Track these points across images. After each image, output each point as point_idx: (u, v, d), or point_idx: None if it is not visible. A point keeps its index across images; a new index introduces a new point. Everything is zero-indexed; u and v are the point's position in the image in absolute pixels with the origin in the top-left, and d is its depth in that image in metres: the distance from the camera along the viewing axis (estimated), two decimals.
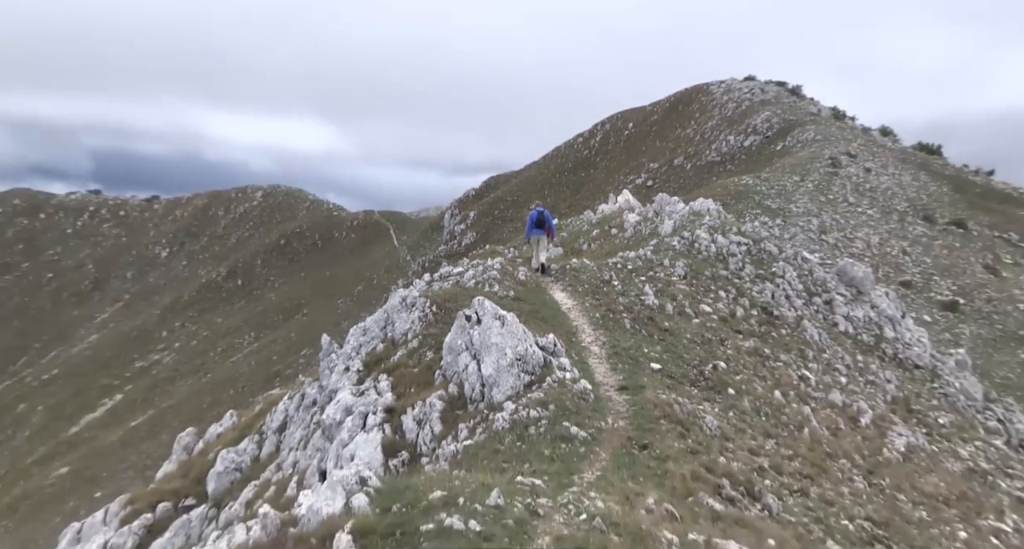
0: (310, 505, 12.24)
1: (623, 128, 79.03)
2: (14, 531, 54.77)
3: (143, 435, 62.46)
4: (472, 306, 20.32)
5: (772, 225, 40.68)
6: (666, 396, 19.19)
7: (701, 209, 33.56)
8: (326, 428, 20.00)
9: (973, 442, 26.45)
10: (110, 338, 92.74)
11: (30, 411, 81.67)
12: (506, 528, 11.23)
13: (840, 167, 59.02)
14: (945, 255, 52.87)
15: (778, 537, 15.19)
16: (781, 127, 67.11)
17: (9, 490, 65.73)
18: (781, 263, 30.71)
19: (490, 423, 17.25)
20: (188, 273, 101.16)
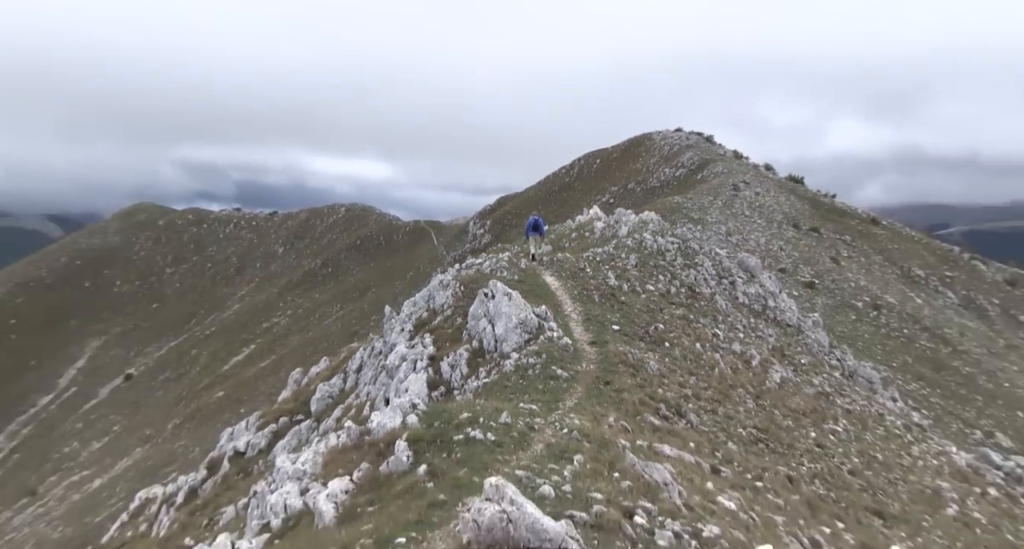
0: (379, 421, 12.38)
1: (592, 162, 79.51)
2: (193, 431, 56.86)
3: (268, 372, 63.06)
4: (488, 286, 20.46)
5: (695, 230, 40.82)
6: (623, 348, 19.38)
7: (647, 219, 33.64)
8: (388, 370, 20.15)
9: (821, 374, 26.90)
10: (246, 307, 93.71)
11: (199, 355, 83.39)
12: (512, 438, 11.40)
13: (739, 191, 59.33)
14: (806, 251, 53.53)
15: (696, 441, 15.45)
16: (700, 163, 67.43)
17: (188, 406, 67.38)
18: (701, 256, 30.83)
19: (501, 367, 17.46)
20: (296, 264, 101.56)
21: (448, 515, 8.47)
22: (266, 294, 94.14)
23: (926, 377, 39.52)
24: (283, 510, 10.92)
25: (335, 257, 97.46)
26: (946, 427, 32.29)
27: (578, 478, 9.96)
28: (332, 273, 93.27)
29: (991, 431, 34.56)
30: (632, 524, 8.89)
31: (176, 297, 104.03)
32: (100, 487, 55.97)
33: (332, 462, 11.94)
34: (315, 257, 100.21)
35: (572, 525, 7.78)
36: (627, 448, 11.88)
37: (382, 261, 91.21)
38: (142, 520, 23.59)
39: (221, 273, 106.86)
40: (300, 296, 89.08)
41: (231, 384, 67.89)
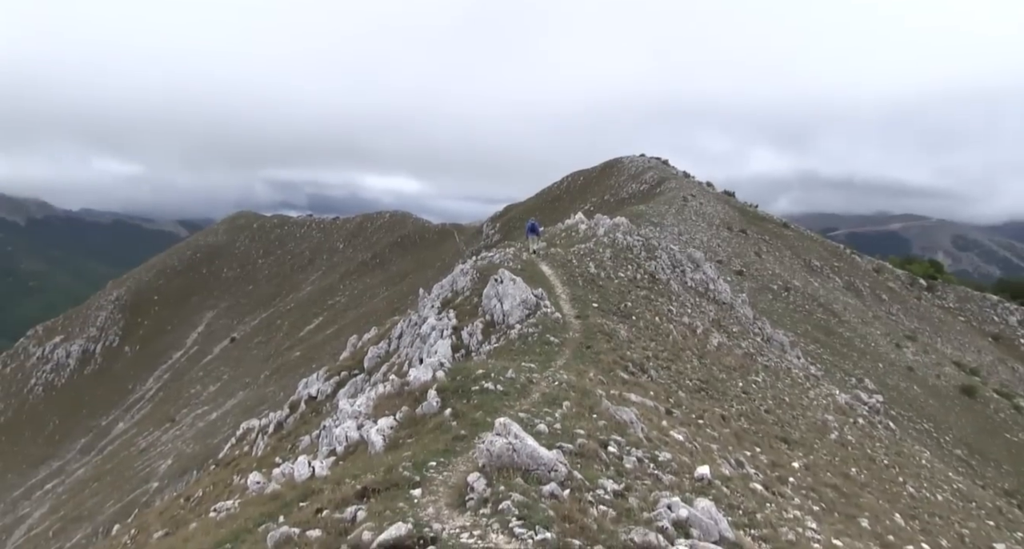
0: (415, 375, 12.23)
1: (577, 179, 78.75)
2: (279, 380, 56.79)
3: (332, 338, 62.78)
4: (498, 273, 20.24)
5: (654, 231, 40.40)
6: (600, 320, 19.18)
7: (618, 222, 33.25)
8: (422, 336, 19.95)
9: (747, 339, 26.69)
10: (315, 289, 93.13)
11: (282, 324, 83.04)
12: (516, 389, 11.25)
13: (687, 202, 58.72)
14: (736, 247, 53.13)
15: (655, 390, 15.27)
16: (658, 180, 66.75)
17: (275, 362, 67.29)
18: (659, 251, 30.48)
19: (507, 335, 17.25)
20: (352, 256, 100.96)
21: (468, 446, 8.35)
22: (330, 279, 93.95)
23: (820, 340, 39.39)
24: (344, 440, 10.79)
25: (381, 251, 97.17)
26: (832, 376, 32.19)
27: (566, 419, 9.84)
28: (379, 264, 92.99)
29: (861, 378, 34.74)
30: (606, 452, 8.78)
31: (265, 281, 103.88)
32: (216, 418, 56.17)
33: (380, 405, 11.81)
34: (366, 251, 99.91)
35: (561, 453, 7.66)
36: (603, 396, 11.73)
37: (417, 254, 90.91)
38: (245, 444, 23.51)
39: (297, 263, 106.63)
40: (355, 281, 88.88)
41: (305, 346, 67.88)
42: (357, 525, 6.04)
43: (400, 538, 5.26)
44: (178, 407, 68.65)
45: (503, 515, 5.86)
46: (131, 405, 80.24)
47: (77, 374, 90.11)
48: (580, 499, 6.49)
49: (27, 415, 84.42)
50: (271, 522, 7.08)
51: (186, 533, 10.73)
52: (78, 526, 44.91)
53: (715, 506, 6.96)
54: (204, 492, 19.02)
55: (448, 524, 5.87)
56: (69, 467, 69.61)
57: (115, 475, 54.80)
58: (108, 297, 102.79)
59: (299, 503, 7.70)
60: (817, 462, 15.87)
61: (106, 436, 73.99)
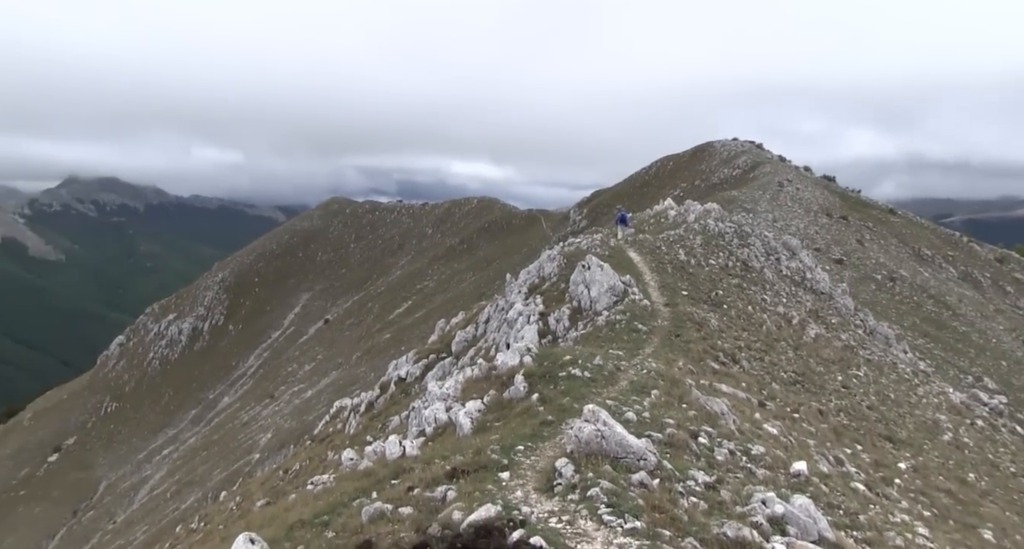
0: (502, 360, 12.33)
1: (667, 164, 76.71)
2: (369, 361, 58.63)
3: (421, 321, 64.03)
4: (585, 259, 20.07)
5: (747, 217, 38.84)
6: (690, 309, 18.73)
7: (710, 208, 32.31)
8: (509, 322, 20.06)
9: (848, 331, 25.34)
10: (404, 273, 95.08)
11: (373, 306, 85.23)
12: (603, 376, 11.16)
13: (783, 187, 56.20)
14: (836, 234, 50.50)
15: (747, 381, 14.80)
16: (752, 165, 64.17)
17: (366, 343, 69.31)
18: (752, 238, 29.40)
19: (595, 322, 17.10)
20: (440, 241, 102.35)
21: (555, 431, 8.35)
22: (419, 264, 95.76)
23: (930, 334, 36.96)
24: (433, 421, 11.03)
25: (469, 237, 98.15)
26: (945, 373, 30.14)
27: (654, 407, 9.68)
28: (467, 249, 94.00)
29: (980, 376, 32.27)
30: (696, 443, 8.58)
31: (357, 265, 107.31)
32: (311, 396, 58.76)
33: (468, 388, 11.98)
34: (454, 236, 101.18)
35: (650, 442, 7.54)
36: (693, 386, 11.47)
37: (504, 240, 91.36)
38: (338, 421, 24.38)
39: (388, 248, 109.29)
40: (443, 266, 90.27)
41: (395, 329, 69.67)
42: (447, 504, 6.16)
43: (489, 519, 5.32)
44: (276, 384, 72.25)
45: (592, 502, 5.83)
46: (235, 380, 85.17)
47: (188, 350, 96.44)
48: (670, 489, 6.38)
49: (147, 386, 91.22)
50: (365, 497, 7.33)
51: (286, 503, 11.27)
52: (191, 490, 48.24)
53: (813, 504, 6.68)
54: (301, 466, 19.95)
55: (536, 508, 5.89)
56: (182, 435, 74.79)
57: (221, 445, 58.46)
58: (214, 278, 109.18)
59: (391, 481, 7.93)
60: (927, 465, 14.93)
61: (213, 408, 78.95)
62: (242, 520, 13.98)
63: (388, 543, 5.48)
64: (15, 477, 78.79)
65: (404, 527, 5.83)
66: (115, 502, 62.91)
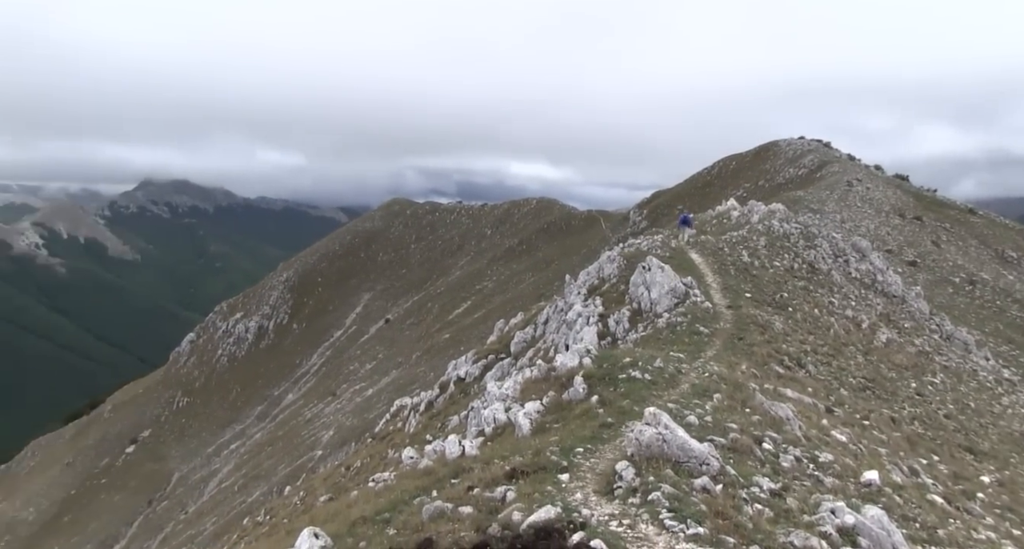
0: (561, 361, 12.31)
1: (729, 164, 75.04)
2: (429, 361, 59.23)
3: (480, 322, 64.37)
4: (645, 261, 19.87)
5: (814, 218, 37.66)
6: (754, 311, 18.31)
7: (774, 209, 31.50)
8: (568, 323, 20.02)
9: (922, 336, 24.30)
10: (465, 273, 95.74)
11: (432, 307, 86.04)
12: (664, 378, 11.03)
13: (852, 186, 54.20)
14: (910, 235, 48.39)
15: (813, 386, 14.39)
16: (819, 164, 62.11)
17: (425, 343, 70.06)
18: (819, 239, 28.53)
19: (655, 324, 16.91)
20: (499, 242, 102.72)
21: (615, 434, 8.30)
22: (478, 264, 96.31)
23: (1016, 341, 35.01)
24: (493, 421, 11.10)
25: (528, 238, 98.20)
26: None
27: (717, 411, 9.51)
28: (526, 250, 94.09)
29: None
30: (761, 449, 8.39)
31: (418, 265, 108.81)
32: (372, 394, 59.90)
33: (527, 389, 12.01)
34: (513, 237, 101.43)
35: (713, 447, 7.41)
36: (756, 390, 11.21)
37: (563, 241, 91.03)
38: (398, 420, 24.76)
39: (447, 248, 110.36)
40: (502, 266, 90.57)
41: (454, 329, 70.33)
42: (507, 505, 6.20)
43: (549, 521, 5.33)
44: (338, 382, 73.97)
45: (653, 506, 5.77)
46: (299, 378, 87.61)
47: (254, 347, 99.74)
48: (734, 495, 6.26)
49: (215, 382, 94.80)
50: (425, 496, 7.44)
51: (348, 500, 11.53)
52: (256, 484, 49.87)
53: (887, 516, 6.44)
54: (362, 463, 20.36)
55: (596, 511, 5.87)
56: (249, 431, 77.42)
57: (286, 441, 60.23)
58: (279, 278, 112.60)
59: (450, 480, 8.03)
60: (1015, 479, 14.14)
61: (278, 405, 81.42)
62: (306, 515, 14.37)
63: (448, 542, 5.55)
64: (97, 466, 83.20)
65: (464, 526, 5.89)
66: (186, 493, 65.63)
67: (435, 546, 5.52)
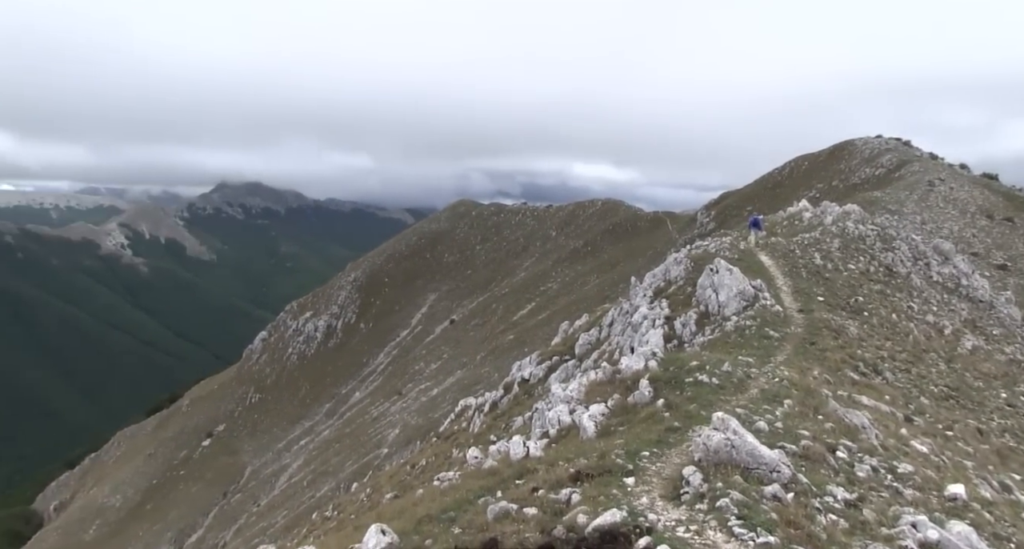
0: (627, 364, 12.23)
1: (801, 164, 72.65)
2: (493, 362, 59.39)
3: (544, 323, 64.41)
4: (713, 263, 19.48)
5: (892, 219, 36.09)
6: (826, 315, 17.72)
7: (849, 210, 30.40)
8: (633, 325, 19.84)
9: (1013, 344, 22.94)
10: (529, 275, 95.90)
11: (497, 308, 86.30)
12: (732, 383, 10.83)
13: (934, 186, 51.61)
14: (999, 238, 45.65)
15: (891, 394, 13.83)
16: (898, 163, 59.42)
17: (490, 344, 70.38)
18: (898, 241, 27.37)
19: (723, 327, 16.57)
20: (564, 244, 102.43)
21: (681, 438, 8.20)
22: (543, 266, 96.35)
23: None
24: (557, 423, 11.12)
25: (593, 239, 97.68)
26: None
27: (787, 418, 9.27)
28: (590, 251, 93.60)
29: None
30: (835, 457, 8.13)
31: (483, 266, 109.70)
32: (437, 394, 60.78)
33: (592, 392, 11.98)
34: (578, 239, 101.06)
35: (784, 454, 7.24)
36: (829, 396, 10.87)
37: (628, 243, 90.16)
38: (462, 420, 25.02)
39: (512, 249, 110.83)
40: (567, 268, 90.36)
41: (518, 330, 70.59)
42: (572, 507, 6.22)
43: (615, 525, 5.32)
44: (404, 381, 75.31)
45: (721, 513, 5.69)
46: (365, 377, 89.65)
47: (322, 346, 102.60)
48: (806, 505, 6.10)
49: (286, 379, 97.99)
50: (490, 496, 7.53)
51: (414, 498, 11.75)
52: (325, 480, 51.31)
53: (976, 533, 6.15)
54: (427, 462, 20.68)
55: (663, 516, 5.82)
56: (317, 427, 79.75)
57: (352, 439, 61.75)
58: (347, 278, 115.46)
59: (515, 480, 8.09)
60: None
61: (345, 403, 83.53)
62: (372, 511, 14.71)
63: (513, 542, 5.61)
64: (176, 457, 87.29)
65: (529, 527, 5.94)
66: (258, 487, 68.10)
67: (500, 546, 5.59)
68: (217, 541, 58.69)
